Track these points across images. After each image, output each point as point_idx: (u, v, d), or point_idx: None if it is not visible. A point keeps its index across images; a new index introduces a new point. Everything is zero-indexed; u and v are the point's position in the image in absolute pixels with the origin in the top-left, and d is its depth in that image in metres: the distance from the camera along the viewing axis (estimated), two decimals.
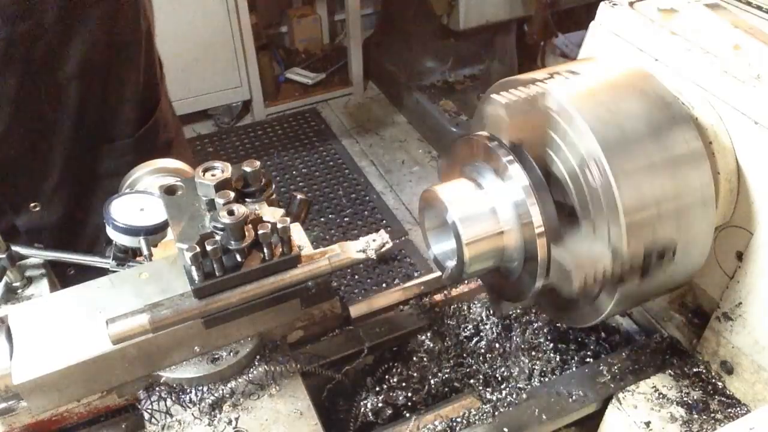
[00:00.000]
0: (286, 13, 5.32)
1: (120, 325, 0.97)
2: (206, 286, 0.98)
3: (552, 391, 1.31)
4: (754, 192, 1.17)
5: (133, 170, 1.37)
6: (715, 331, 1.28)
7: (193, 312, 0.99)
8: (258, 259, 1.00)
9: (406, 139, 4.91)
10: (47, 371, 1.01)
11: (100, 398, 1.19)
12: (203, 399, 1.10)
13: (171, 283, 1.09)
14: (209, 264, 0.97)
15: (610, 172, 1.01)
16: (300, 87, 5.22)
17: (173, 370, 1.11)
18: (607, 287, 1.09)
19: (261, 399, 1.12)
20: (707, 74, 1.19)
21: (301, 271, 1.04)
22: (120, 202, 1.19)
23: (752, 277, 1.19)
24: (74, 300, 1.11)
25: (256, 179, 1.04)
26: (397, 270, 3.84)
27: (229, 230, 0.96)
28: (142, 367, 1.09)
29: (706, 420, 1.24)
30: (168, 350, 1.09)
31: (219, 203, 0.98)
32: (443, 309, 1.54)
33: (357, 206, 4.32)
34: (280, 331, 1.20)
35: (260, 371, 1.13)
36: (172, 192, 1.07)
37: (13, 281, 1.14)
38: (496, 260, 1.20)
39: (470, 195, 1.18)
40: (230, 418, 1.09)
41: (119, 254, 1.19)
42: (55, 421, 1.19)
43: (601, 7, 1.39)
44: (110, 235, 1.15)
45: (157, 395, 1.11)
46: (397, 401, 1.37)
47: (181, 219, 1.02)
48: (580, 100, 1.06)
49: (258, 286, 1.01)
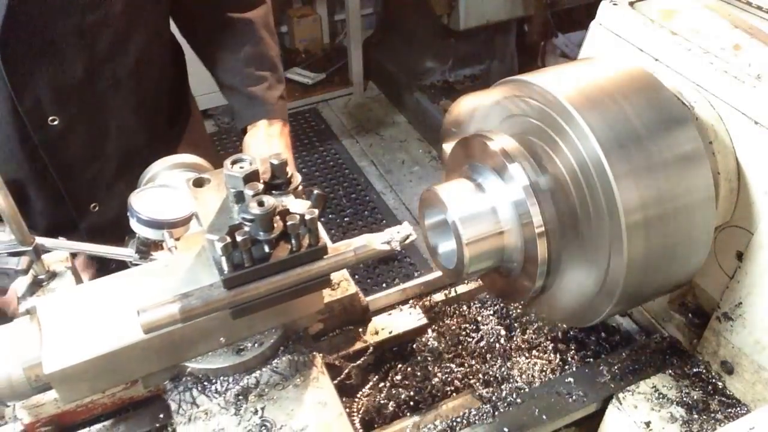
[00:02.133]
0: (286, 13, 5.32)
1: (151, 314, 0.98)
2: (235, 277, 1.00)
3: (552, 391, 1.31)
4: (754, 192, 1.17)
5: (151, 166, 1.40)
6: (715, 331, 1.28)
7: (222, 302, 1.01)
8: (286, 250, 1.02)
9: (406, 139, 4.91)
10: (77, 361, 1.02)
11: (124, 389, 1.23)
12: (229, 389, 1.12)
13: (197, 275, 1.10)
14: (238, 255, 0.99)
15: (610, 172, 1.01)
16: (300, 87, 5.22)
17: (199, 361, 1.13)
18: (607, 287, 1.09)
19: (286, 389, 1.14)
20: (707, 74, 1.19)
21: (327, 263, 1.05)
22: (143, 195, 1.21)
23: (752, 277, 1.19)
24: (101, 291, 1.13)
25: (282, 172, 1.05)
26: (397, 270, 3.84)
27: (258, 221, 0.98)
28: (168, 358, 1.11)
29: (706, 420, 1.24)
30: (194, 341, 1.11)
31: (248, 195, 0.99)
32: (443, 309, 1.54)
33: (357, 206, 4.32)
34: (304, 322, 1.22)
35: (284, 362, 1.16)
36: (200, 184, 1.09)
37: (38, 274, 1.15)
38: (496, 260, 1.20)
39: (470, 195, 1.18)
40: (256, 408, 1.11)
41: (142, 247, 1.20)
42: (79, 412, 1.22)
43: (601, 6, 1.39)
44: (134, 228, 1.17)
45: (183, 385, 1.13)
46: (398, 399, 1.37)
47: (209, 211, 1.04)
48: (580, 100, 1.06)
49: (285, 277, 1.03)
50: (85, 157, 1.60)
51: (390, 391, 1.39)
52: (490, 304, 1.54)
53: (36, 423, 1.20)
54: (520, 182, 1.13)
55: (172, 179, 1.34)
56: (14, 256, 1.11)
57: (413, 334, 1.48)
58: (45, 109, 1.47)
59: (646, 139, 1.06)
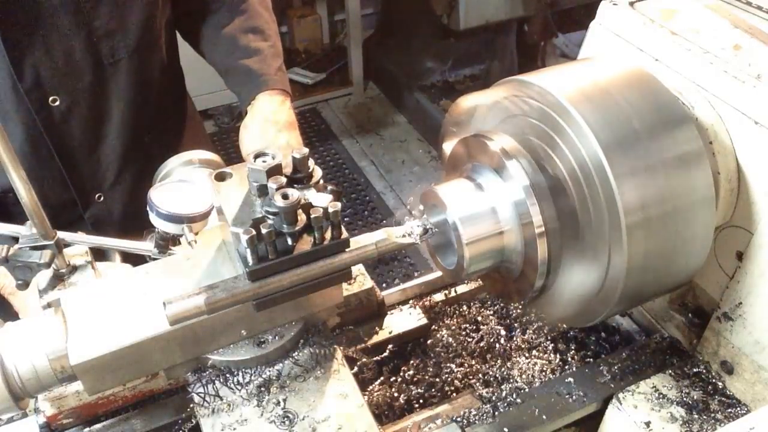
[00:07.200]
0: (286, 13, 5.32)
1: (177, 306, 1.00)
2: (260, 269, 1.01)
3: (552, 391, 1.31)
4: (754, 192, 1.17)
5: (166, 162, 1.41)
6: (715, 331, 1.28)
7: (246, 294, 1.03)
8: (309, 243, 1.03)
9: (406, 139, 4.91)
10: (102, 352, 1.04)
11: (145, 382, 1.26)
12: (251, 381, 1.15)
13: (218, 268, 1.12)
14: (262, 247, 1.00)
15: (610, 172, 1.01)
16: (300, 87, 5.22)
17: (221, 354, 1.15)
18: (607, 287, 1.09)
19: (307, 381, 1.16)
20: (707, 74, 1.19)
21: (349, 256, 1.07)
22: (163, 190, 1.22)
23: (752, 277, 1.19)
24: (124, 284, 1.15)
25: (304, 166, 1.06)
26: (397, 270, 3.84)
27: (282, 214, 1.00)
28: (191, 350, 1.12)
29: (706, 420, 1.24)
30: (216, 333, 1.12)
31: (272, 188, 1.00)
32: (443, 309, 1.54)
33: (357, 206, 4.32)
34: (323, 315, 1.23)
35: (305, 354, 1.18)
36: (222, 178, 1.10)
37: (59, 268, 1.17)
38: (496, 260, 1.20)
39: (470, 195, 1.18)
40: (278, 399, 1.13)
41: (161, 242, 1.21)
42: (101, 404, 1.25)
43: (601, 6, 1.39)
44: (154, 223, 1.19)
45: (206, 378, 1.15)
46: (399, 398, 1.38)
47: (232, 205, 1.05)
48: (580, 99, 1.06)
49: (308, 269, 1.04)
50: (87, 142, 1.61)
51: (389, 390, 1.39)
52: (490, 304, 1.54)
53: (58, 415, 1.23)
54: (520, 182, 1.13)
55: (188, 175, 1.36)
56: (36, 249, 1.13)
57: (413, 334, 1.48)
58: (45, 88, 1.48)
59: (646, 139, 1.06)
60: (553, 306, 1.23)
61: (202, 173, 1.35)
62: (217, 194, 1.09)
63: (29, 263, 1.12)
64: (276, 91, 1.67)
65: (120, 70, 1.58)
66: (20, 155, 1.52)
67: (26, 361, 1.05)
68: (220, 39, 1.72)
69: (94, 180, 1.67)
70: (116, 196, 1.71)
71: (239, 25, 1.70)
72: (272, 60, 1.70)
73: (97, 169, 1.66)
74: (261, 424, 1.10)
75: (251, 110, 1.65)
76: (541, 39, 4.67)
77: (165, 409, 1.28)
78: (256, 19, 1.73)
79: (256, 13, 1.73)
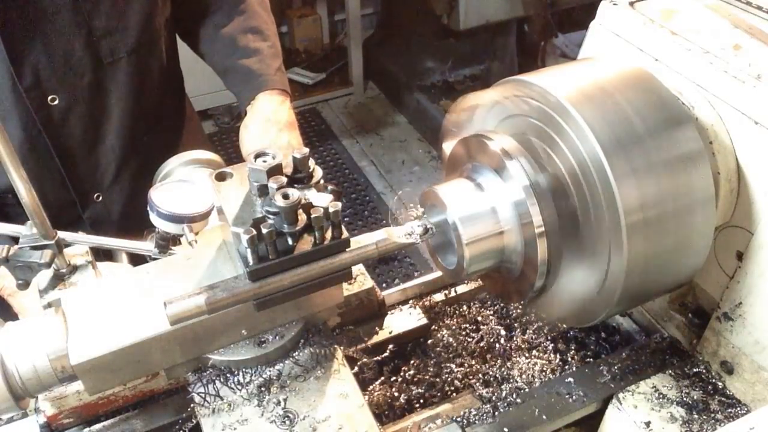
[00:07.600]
0: (285, 13, 5.32)
1: (178, 305, 1.00)
2: (261, 269, 1.01)
3: (552, 391, 1.31)
4: (754, 192, 1.17)
5: (166, 162, 1.41)
6: (715, 331, 1.28)
7: (247, 294, 1.03)
8: (309, 243, 1.03)
9: (406, 139, 4.91)
10: (103, 352, 1.04)
11: (145, 382, 1.26)
12: (251, 381, 1.15)
13: (218, 268, 1.12)
14: (263, 247, 1.00)
15: (610, 172, 1.01)
16: (300, 87, 5.21)
17: (221, 353, 1.15)
18: (607, 287, 1.09)
19: (307, 381, 1.16)
20: (707, 74, 1.19)
21: (350, 255, 1.07)
22: (162, 190, 1.22)
23: (752, 277, 1.19)
24: (125, 284, 1.15)
25: (304, 166, 1.06)
26: (397, 270, 3.83)
27: (283, 214, 1.00)
28: (191, 350, 1.13)
29: (706, 420, 1.24)
30: (216, 333, 1.13)
31: (272, 188, 1.01)
32: (443, 309, 1.54)
33: (357, 206, 4.32)
34: (323, 315, 1.24)
35: (306, 354, 1.18)
36: (222, 178, 1.10)
37: (59, 268, 1.17)
38: (496, 260, 1.20)
39: (470, 195, 1.18)
40: (279, 399, 1.13)
41: (161, 242, 1.21)
42: (101, 404, 1.26)
43: (601, 6, 1.39)
44: (154, 223, 1.19)
45: (206, 377, 1.15)
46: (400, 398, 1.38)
47: (232, 205, 1.05)
48: (580, 99, 1.06)
49: (309, 269, 1.04)
50: (86, 141, 1.61)
51: (390, 390, 1.39)
52: (490, 304, 1.54)
53: (58, 414, 1.24)
54: (519, 182, 1.13)
55: (188, 175, 1.36)
56: (37, 249, 1.13)
57: (413, 334, 1.48)
58: (44, 87, 1.48)
59: (646, 139, 1.06)
60: (553, 306, 1.23)
61: (203, 173, 1.36)
62: (217, 194, 1.09)
63: (30, 263, 1.12)
64: (276, 91, 1.68)
65: (119, 69, 1.58)
66: (19, 155, 1.52)
67: (27, 360, 1.06)
68: (219, 39, 1.72)
69: (93, 180, 1.67)
70: (115, 196, 1.71)
71: (238, 26, 1.71)
72: (271, 60, 1.71)
73: (95, 169, 1.66)
74: (261, 423, 1.10)
75: (251, 110, 1.66)
76: (541, 39, 4.67)
77: (165, 409, 1.29)
78: (255, 20, 1.73)
79: (254, 14, 1.73)
